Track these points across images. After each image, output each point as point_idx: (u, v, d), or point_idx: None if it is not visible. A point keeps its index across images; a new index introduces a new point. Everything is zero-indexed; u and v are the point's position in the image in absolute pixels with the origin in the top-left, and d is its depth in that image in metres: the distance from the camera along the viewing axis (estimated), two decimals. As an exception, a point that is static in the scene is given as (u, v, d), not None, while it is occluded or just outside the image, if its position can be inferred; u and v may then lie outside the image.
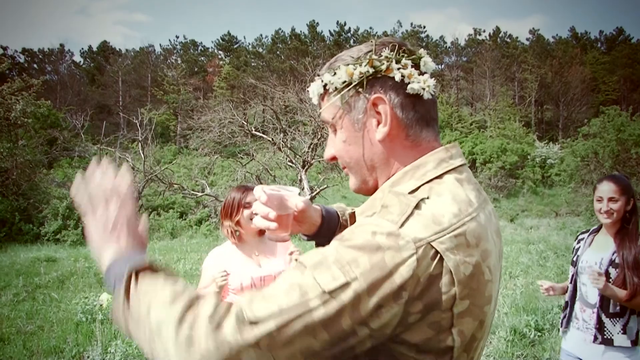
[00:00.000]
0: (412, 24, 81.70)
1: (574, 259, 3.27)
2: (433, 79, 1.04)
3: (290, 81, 23.71)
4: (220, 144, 23.77)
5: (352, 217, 1.25)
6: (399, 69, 1.00)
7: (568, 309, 3.23)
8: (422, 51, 1.06)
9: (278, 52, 69.00)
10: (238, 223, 2.94)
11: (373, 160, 1.04)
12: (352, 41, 72.95)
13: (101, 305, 6.76)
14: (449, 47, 75.20)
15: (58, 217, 17.18)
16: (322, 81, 1.05)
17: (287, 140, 20.95)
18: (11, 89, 19.26)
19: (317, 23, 72.74)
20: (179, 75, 63.89)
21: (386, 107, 0.99)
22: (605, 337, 2.94)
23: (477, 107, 68.22)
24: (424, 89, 1.01)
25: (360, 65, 1.00)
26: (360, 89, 1.01)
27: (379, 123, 1.01)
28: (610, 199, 3.04)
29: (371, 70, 0.99)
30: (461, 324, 0.88)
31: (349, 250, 0.83)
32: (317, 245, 1.29)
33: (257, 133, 21.28)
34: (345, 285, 0.81)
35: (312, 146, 20.33)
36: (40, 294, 8.49)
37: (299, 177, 20.34)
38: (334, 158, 1.11)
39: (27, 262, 11.48)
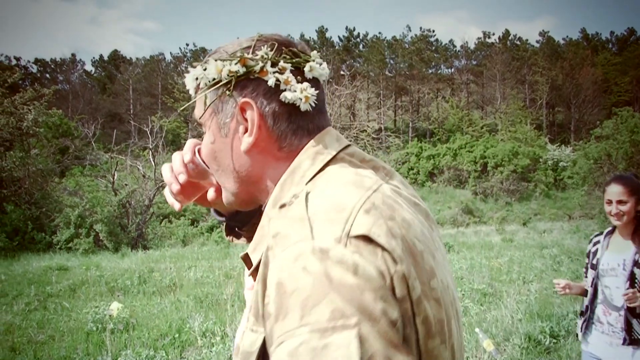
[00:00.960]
0: (421, 28, 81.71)
1: (593, 262, 3.21)
2: (317, 87, 0.90)
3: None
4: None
5: (246, 259, 0.91)
6: (275, 72, 0.86)
7: (588, 312, 3.17)
8: (314, 53, 0.93)
9: (287, 58, 69.06)
10: None
11: (241, 172, 0.92)
12: (361, 46, 73.04)
13: (111, 315, 6.74)
14: (459, 51, 75.06)
15: (70, 225, 17.25)
16: (192, 75, 0.93)
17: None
18: (23, 99, 19.42)
19: (326, 29, 72.97)
20: (189, 82, 64.04)
21: (254, 114, 0.86)
22: (633, 337, 2.89)
23: (487, 110, 67.97)
24: (300, 99, 0.87)
25: (231, 63, 0.87)
26: (228, 90, 0.88)
27: (245, 131, 0.88)
28: (619, 202, 2.99)
29: (242, 70, 0.87)
30: (421, 310, 0.71)
31: (308, 310, 0.65)
32: (227, 227, 1.15)
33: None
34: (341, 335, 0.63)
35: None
36: (52, 303, 8.50)
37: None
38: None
39: (39, 270, 11.51)
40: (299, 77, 0.88)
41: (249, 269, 0.89)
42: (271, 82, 0.85)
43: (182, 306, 7.97)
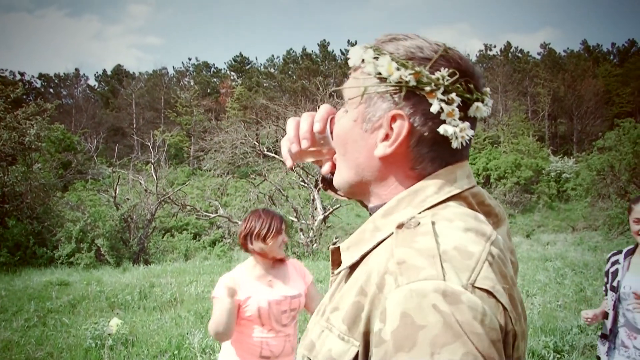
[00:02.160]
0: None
1: (614, 284, 3.11)
2: (474, 128, 0.89)
3: (302, 101, 23.79)
4: (232, 165, 23.85)
5: (335, 253, 0.96)
6: (442, 100, 0.83)
7: (611, 337, 3.07)
8: (486, 91, 0.90)
9: (290, 72, 69.45)
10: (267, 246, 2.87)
11: (364, 171, 0.91)
12: (363, 59, 73.12)
13: (110, 333, 6.68)
14: (460, 63, 75.12)
15: (71, 240, 17.20)
16: (360, 54, 0.90)
17: (299, 160, 20.93)
18: (26, 114, 19.47)
19: (328, 42, 73.22)
20: (192, 96, 64.46)
21: (403, 128, 0.84)
22: None
23: (490, 122, 67.94)
24: (456, 137, 0.84)
25: (405, 69, 0.83)
26: (390, 93, 0.86)
27: (386, 138, 0.86)
28: None
29: (412, 83, 0.83)
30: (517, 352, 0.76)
31: (438, 349, 0.65)
32: (327, 181, 1.12)
33: (269, 153, 21.31)
34: None
35: (324, 165, 20.22)
36: (52, 319, 8.44)
37: (311, 197, 20.28)
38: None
39: (40, 286, 11.46)
40: (461, 112, 0.85)
41: (334, 264, 0.94)
42: (434, 108, 0.83)
43: (183, 322, 7.90)
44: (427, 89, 0.83)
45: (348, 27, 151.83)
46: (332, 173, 1.02)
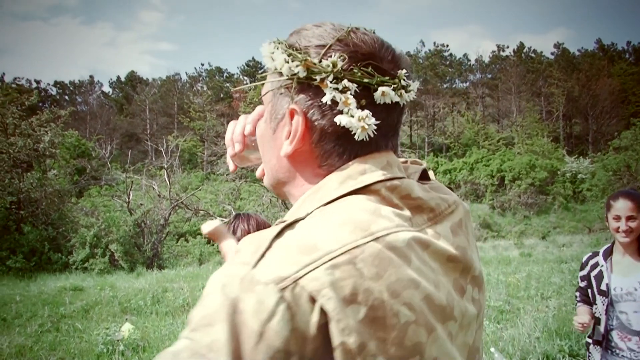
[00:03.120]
0: (435, 42, 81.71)
1: (602, 288, 3.03)
2: (382, 113, 0.79)
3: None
4: (245, 169, 23.85)
5: None
6: (334, 88, 0.76)
7: (604, 341, 3.00)
8: (400, 74, 0.80)
9: (302, 76, 69.41)
10: None
11: (278, 172, 0.86)
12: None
13: (120, 339, 6.69)
14: (473, 65, 74.89)
15: (86, 245, 17.34)
16: (264, 51, 0.84)
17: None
18: (40, 121, 19.69)
19: (340, 45, 73.05)
20: (205, 102, 64.80)
21: (300, 124, 0.78)
22: None
23: (503, 123, 67.56)
24: (356, 127, 0.76)
25: (293, 60, 0.77)
26: (286, 87, 0.80)
27: (289, 136, 0.80)
28: (629, 217, 2.85)
29: (302, 74, 0.77)
30: None
31: (201, 326, 0.64)
32: None
33: (281, 157, 21.30)
34: None
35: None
36: (65, 324, 8.49)
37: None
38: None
39: (54, 291, 11.54)
40: (364, 100, 0.77)
41: None
42: (326, 98, 0.76)
43: (194, 327, 7.89)
44: (318, 77, 0.76)
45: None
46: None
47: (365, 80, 0.77)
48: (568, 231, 37.76)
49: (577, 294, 3.21)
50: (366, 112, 0.76)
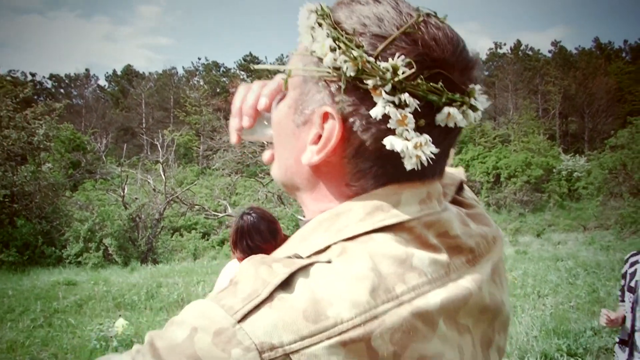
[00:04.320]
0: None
1: (631, 284, 2.95)
2: (442, 145, 0.63)
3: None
4: (241, 164, 23.80)
5: None
6: (390, 102, 0.59)
7: (630, 340, 2.91)
8: (474, 89, 0.66)
9: (298, 71, 69.29)
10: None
11: (294, 176, 0.71)
12: (372, 58, 72.93)
13: (114, 335, 6.60)
14: (470, 62, 74.70)
15: (79, 239, 17.22)
16: (304, 20, 0.66)
17: (307, 158, 20.86)
18: (35, 114, 19.53)
19: (337, 41, 72.93)
20: (201, 96, 64.57)
21: (335, 131, 0.62)
22: None
23: (500, 121, 67.59)
24: (410, 156, 0.60)
25: (344, 53, 0.59)
26: (326, 80, 0.62)
27: (317, 140, 0.64)
28: None
29: (351, 72, 0.59)
30: None
31: (150, 355, 0.54)
32: None
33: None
34: None
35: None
36: (58, 319, 8.39)
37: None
38: (268, 109, 0.75)
39: (47, 285, 11.43)
40: (422, 120, 0.60)
41: None
42: (376, 112, 0.59)
43: (189, 322, 7.82)
44: (370, 83, 0.59)
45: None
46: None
47: (432, 97, 0.60)
48: (563, 229, 37.82)
49: (619, 293, 3.16)
50: (426, 137, 0.60)
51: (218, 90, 71.11)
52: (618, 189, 24.63)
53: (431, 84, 0.60)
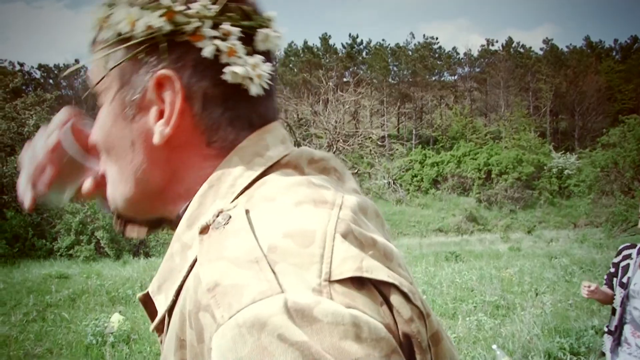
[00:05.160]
0: (424, 35, 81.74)
1: (623, 280, 3.03)
2: (270, 63, 0.64)
3: (304, 94, 23.60)
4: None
5: (147, 302, 0.65)
6: (214, 37, 0.59)
7: (616, 333, 3.01)
8: (269, 15, 0.66)
9: (291, 65, 69.14)
10: None
11: (144, 174, 0.64)
12: (364, 53, 72.98)
13: (112, 332, 6.49)
14: (462, 58, 74.96)
15: (71, 232, 17.04)
16: (95, 19, 0.64)
17: (301, 153, 20.80)
18: (25, 104, 19.30)
19: (330, 36, 72.86)
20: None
21: (176, 93, 0.60)
22: None
23: (491, 117, 67.83)
24: (251, 78, 0.61)
25: (152, 14, 0.58)
26: (143, 53, 0.60)
27: (160, 116, 0.61)
28: None
29: (167, 28, 0.58)
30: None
31: None
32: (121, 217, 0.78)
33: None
34: None
35: (326, 159, 20.12)
36: (51, 313, 8.25)
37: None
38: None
39: (39, 279, 11.27)
40: (247, 47, 0.61)
41: (151, 320, 0.63)
42: (208, 51, 0.59)
43: (185, 318, 7.72)
44: (189, 28, 0.58)
45: (349, 21, 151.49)
46: (97, 195, 0.73)
47: (246, 22, 0.62)
48: (553, 226, 38.10)
49: (605, 277, 3.27)
50: (257, 57, 0.61)
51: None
52: (609, 187, 24.78)
53: (243, 8, 0.62)
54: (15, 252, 16.48)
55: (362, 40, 73.74)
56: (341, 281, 0.46)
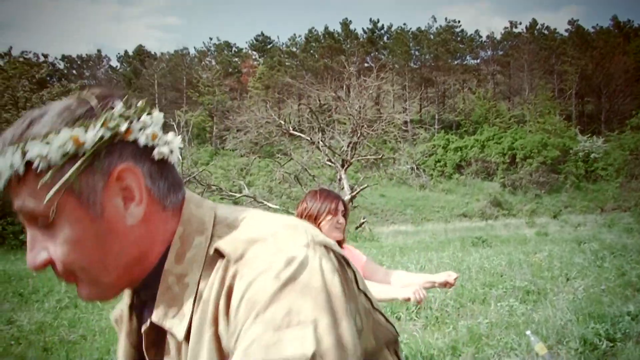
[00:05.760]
0: (446, 18, 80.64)
1: None
2: (177, 136, 0.81)
3: (327, 79, 23.47)
4: (257, 145, 23.71)
5: (150, 334, 0.79)
6: (141, 129, 0.74)
7: None
8: (143, 102, 0.78)
9: (312, 51, 68.88)
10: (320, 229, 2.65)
11: (126, 252, 0.75)
12: (385, 38, 72.35)
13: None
14: (485, 41, 73.86)
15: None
16: (19, 156, 0.69)
17: (325, 138, 20.70)
18: (51, 94, 19.54)
19: (350, 21, 72.41)
20: (214, 76, 64.36)
21: (137, 179, 0.73)
22: None
23: (515, 101, 66.86)
24: (172, 151, 0.78)
25: (92, 128, 0.70)
26: (95, 161, 0.71)
27: (126, 202, 0.73)
28: None
29: (108, 134, 0.71)
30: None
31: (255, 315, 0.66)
32: None
33: (295, 132, 21.06)
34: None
35: (351, 145, 20.03)
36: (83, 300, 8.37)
37: (338, 177, 20.08)
38: (49, 263, 0.75)
39: (70, 266, 11.45)
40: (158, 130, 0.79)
41: (153, 346, 0.78)
42: (143, 140, 0.74)
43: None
44: (122, 129, 0.72)
45: (370, 5, 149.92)
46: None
47: (147, 111, 0.77)
48: (580, 211, 37.49)
49: None
50: (170, 134, 0.79)
51: (230, 70, 70.85)
52: (639, 170, 24.26)
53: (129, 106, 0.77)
54: (44, 240, 16.78)
55: (383, 25, 73.10)
56: (318, 243, 0.73)
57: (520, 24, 76.26)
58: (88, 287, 0.76)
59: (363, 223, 19.98)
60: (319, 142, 19.90)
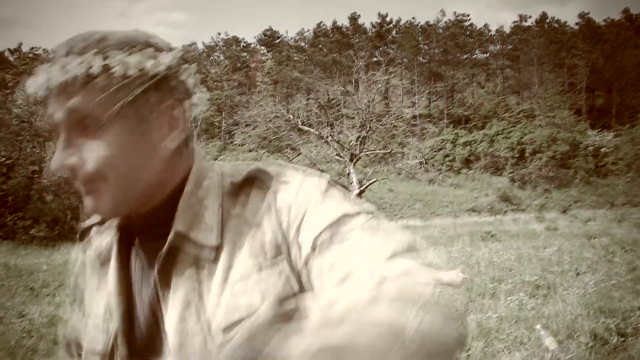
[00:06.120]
0: (455, 12, 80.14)
1: None
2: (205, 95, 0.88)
3: (336, 74, 23.45)
4: (265, 139, 23.78)
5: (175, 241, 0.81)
6: (189, 74, 0.83)
7: None
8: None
9: (320, 46, 68.76)
10: None
11: (154, 170, 0.80)
12: (394, 32, 72.10)
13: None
14: (494, 35, 73.44)
15: (109, 214, 17.40)
16: (100, 58, 0.73)
17: (334, 133, 20.70)
18: (61, 89, 19.63)
19: (359, 15, 72.17)
20: (222, 71, 64.44)
21: (184, 112, 0.82)
22: None
23: (524, 95, 66.50)
24: (198, 105, 0.86)
25: (166, 55, 0.79)
26: (161, 85, 0.78)
27: (171, 128, 0.80)
28: None
29: (175, 64, 0.80)
30: None
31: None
32: None
33: (304, 127, 21.08)
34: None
35: (359, 139, 20.01)
36: (93, 294, 8.42)
37: (346, 171, 20.07)
38: (73, 168, 0.79)
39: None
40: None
41: (174, 253, 0.79)
42: (191, 82, 0.83)
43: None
44: (183, 67, 0.82)
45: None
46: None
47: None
48: (589, 205, 37.30)
49: None
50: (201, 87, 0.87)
51: (238, 65, 70.91)
52: (650, 164, 24.08)
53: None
54: (55, 234, 16.89)
55: (391, 19, 72.88)
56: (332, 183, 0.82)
57: (530, 17, 75.71)
58: (104, 199, 0.79)
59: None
60: (327, 137, 19.93)
